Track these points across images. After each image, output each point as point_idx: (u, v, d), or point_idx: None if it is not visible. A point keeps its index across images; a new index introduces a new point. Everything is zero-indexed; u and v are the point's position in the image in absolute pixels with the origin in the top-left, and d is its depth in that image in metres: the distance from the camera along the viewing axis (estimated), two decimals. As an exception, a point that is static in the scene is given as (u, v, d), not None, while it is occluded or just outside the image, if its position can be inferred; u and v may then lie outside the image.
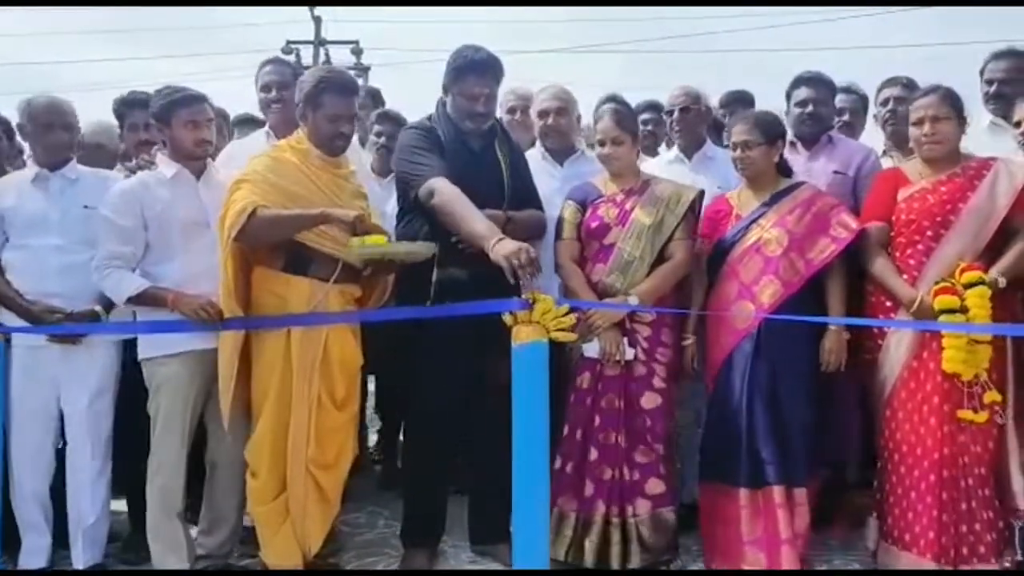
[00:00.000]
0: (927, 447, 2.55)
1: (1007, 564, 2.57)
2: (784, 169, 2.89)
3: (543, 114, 3.20)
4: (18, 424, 2.69)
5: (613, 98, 3.16)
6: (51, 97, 2.80)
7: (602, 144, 2.85)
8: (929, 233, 2.62)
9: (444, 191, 2.57)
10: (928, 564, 2.52)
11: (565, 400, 2.80)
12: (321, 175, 2.58)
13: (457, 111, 2.77)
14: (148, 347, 2.59)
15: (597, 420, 2.73)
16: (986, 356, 2.48)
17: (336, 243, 2.49)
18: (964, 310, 2.44)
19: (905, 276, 2.64)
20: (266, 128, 3.09)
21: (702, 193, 2.89)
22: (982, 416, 2.48)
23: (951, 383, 2.51)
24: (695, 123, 3.28)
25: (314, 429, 2.52)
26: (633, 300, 2.70)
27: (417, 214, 2.73)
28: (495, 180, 2.77)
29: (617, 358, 2.70)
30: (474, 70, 2.73)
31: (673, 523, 2.75)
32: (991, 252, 2.58)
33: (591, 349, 2.72)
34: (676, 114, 3.27)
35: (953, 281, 2.49)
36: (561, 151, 3.22)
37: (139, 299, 2.52)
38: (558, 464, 2.78)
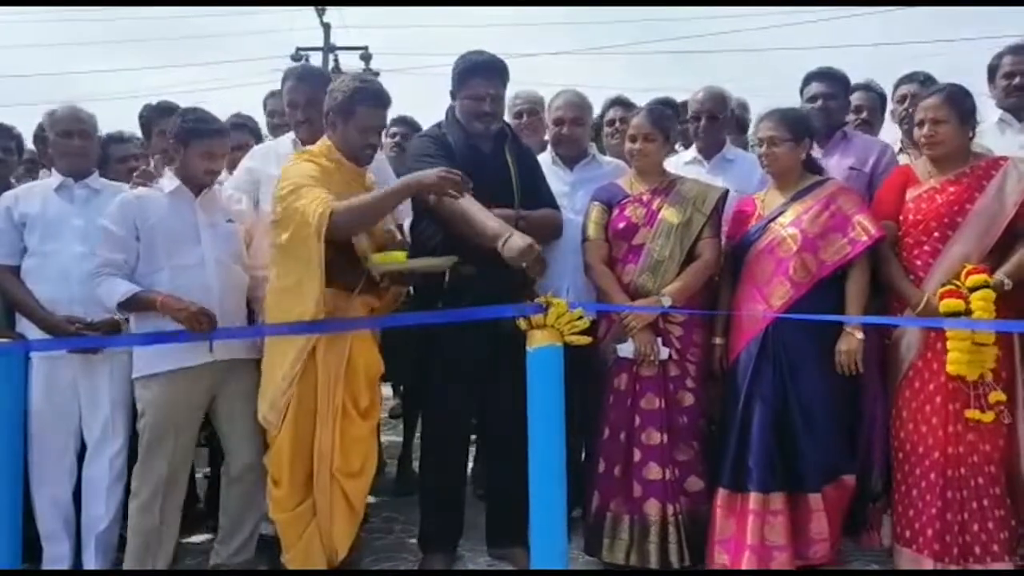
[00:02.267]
0: (928, 446, 2.60)
1: (1021, 562, 2.61)
2: (813, 166, 2.89)
3: (558, 122, 3.21)
4: (39, 432, 2.73)
5: (622, 101, 3.20)
6: (72, 106, 2.89)
7: (633, 140, 2.87)
8: (936, 234, 2.65)
9: (455, 203, 2.60)
10: (927, 562, 2.58)
11: (601, 402, 2.85)
12: (353, 184, 2.62)
13: (465, 114, 2.84)
14: (139, 366, 2.63)
15: (638, 420, 2.78)
16: (991, 357, 2.52)
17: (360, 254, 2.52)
18: (968, 313, 2.47)
19: (912, 276, 2.68)
20: (292, 136, 3.04)
21: (727, 192, 2.92)
22: (989, 416, 2.52)
23: (956, 383, 2.56)
24: (720, 129, 3.25)
25: (339, 438, 2.55)
26: (666, 301, 2.74)
27: (431, 221, 2.78)
28: (505, 182, 2.81)
29: (652, 358, 2.73)
30: (478, 72, 2.81)
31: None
32: (999, 252, 2.61)
33: (625, 350, 2.77)
34: (704, 121, 3.21)
35: (958, 284, 2.52)
36: (572, 156, 3.23)
37: (129, 304, 2.56)
38: (603, 467, 2.84)
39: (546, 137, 3.73)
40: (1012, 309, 2.59)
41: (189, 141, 2.63)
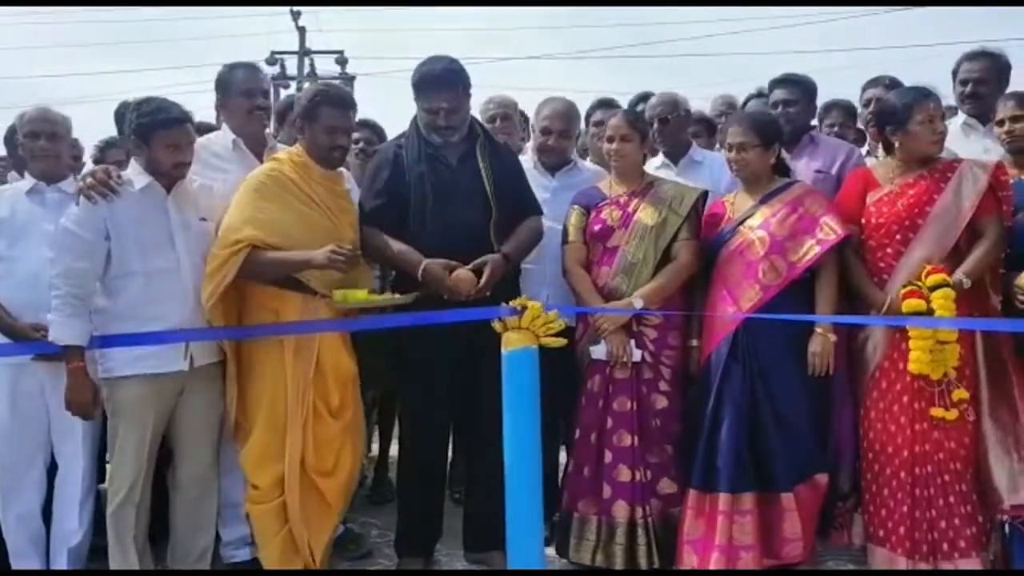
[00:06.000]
0: (897, 445, 2.67)
1: (991, 558, 2.68)
2: (782, 169, 2.95)
3: (545, 131, 3.20)
4: (4, 444, 2.70)
5: (608, 103, 3.17)
6: (43, 107, 2.86)
7: (610, 140, 2.90)
8: (898, 236, 2.72)
9: (373, 240, 2.78)
10: (900, 560, 2.64)
11: (575, 403, 2.89)
12: (319, 190, 2.69)
13: (423, 125, 2.85)
14: (109, 365, 2.56)
15: (610, 422, 2.83)
16: (954, 355, 2.59)
17: (320, 281, 2.63)
18: (930, 312, 2.54)
19: (876, 279, 2.75)
20: (232, 136, 2.99)
21: (706, 193, 2.97)
22: (953, 414, 2.59)
23: (921, 382, 2.62)
24: (676, 131, 3.33)
25: (311, 438, 2.61)
26: (638, 303, 2.78)
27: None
28: (476, 190, 2.80)
29: (624, 360, 2.76)
30: (431, 84, 2.79)
31: None
32: (959, 252, 2.68)
33: (598, 352, 2.82)
34: (656, 124, 3.31)
35: (920, 284, 2.59)
36: (555, 164, 3.25)
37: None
38: (572, 468, 2.89)
39: (524, 141, 3.73)
40: (974, 308, 2.68)
41: (150, 135, 2.53)
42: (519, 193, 2.92)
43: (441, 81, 2.76)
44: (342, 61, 17.68)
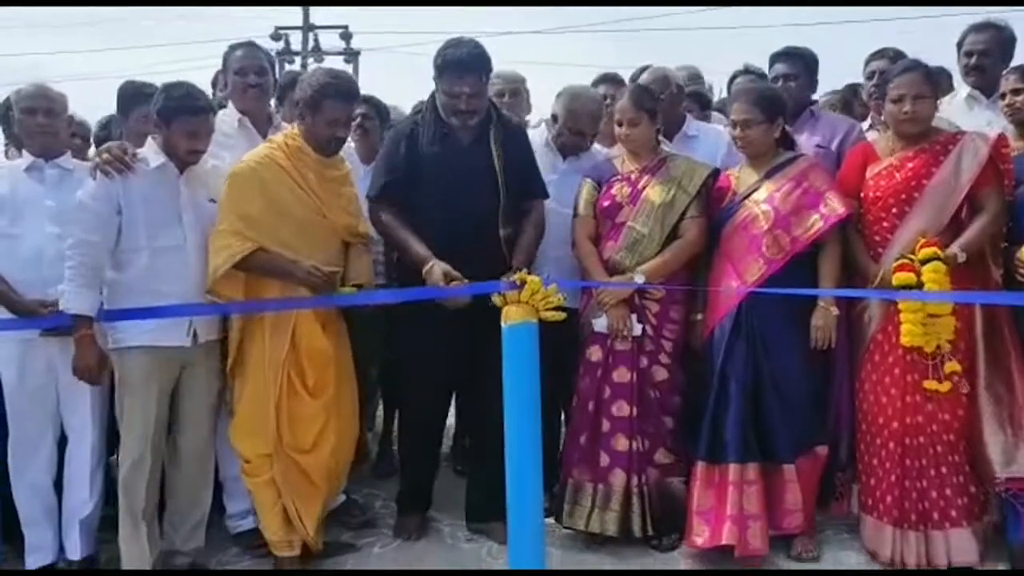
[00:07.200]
0: (888, 416, 2.70)
1: (984, 528, 2.71)
2: (786, 141, 2.95)
3: (569, 126, 3.08)
4: (14, 417, 2.73)
5: (611, 78, 3.19)
6: (39, 84, 2.86)
7: (619, 124, 2.92)
8: (895, 210, 2.74)
9: (384, 224, 2.85)
10: (887, 528, 2.69)
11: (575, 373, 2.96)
12: (310, 175, 2.72)
13: (442, 108, 2.87)
14: (118, 336, 2.62)
15: (608, 392, 2.88)
16: (948, 328, 2.60)
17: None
18: (920, 286, 2.55)
19: (873, 252, 2.77)
20: (237, 115, 3.10)
21: (716, 171, 2.97)
22: (945, 386, 2.62)
23: (914, 355, 2.65)
24: (669, 107, 3.28)
25: (287, 415, 2.67)
26: (639, 278, 2.82)
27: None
28: (487, 174, 2.84)
29: (624, 333, 2.80)
30: (454, 69, 2.80)
31: (682, 493, 2.88)
32: (960, 226, 2.69)
33: (600, 324, 2.87)
34: None
35: (911, 257, 2.61)
36: (570, 150, 3.19)
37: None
38: (569, 436, 2.95)
39: (529, 117, 3.69)
40: (975, 281, 2.69)
41: (171, 119, 2.59)
42: (527, 177, 2.94)
43: (465, 66, 2.78)
44: (346, 36, 17.52)
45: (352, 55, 17.35)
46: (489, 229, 2.80)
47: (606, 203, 2.91)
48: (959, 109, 3.24)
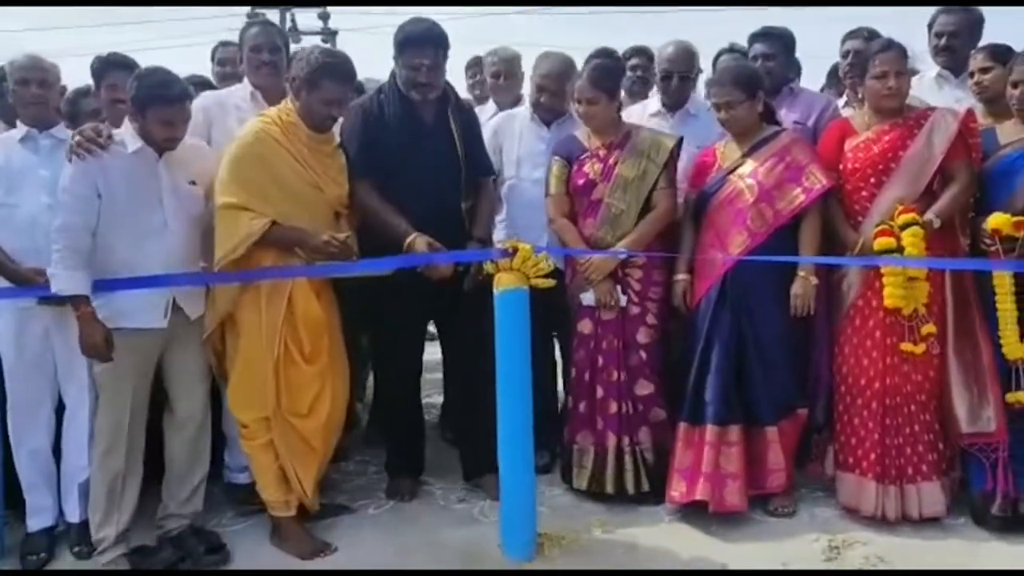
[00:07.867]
0: (870, 377, 2.84)
1: (952, 483, 2.88)
2: (769, 115, 3.04)
3: (540, 89, 3.27)
4: (12, 385, 2.77)
5: (599, 53, 3.24)
6: (33, 55, 2.87)
7: (579, 103, 3.00)
8: (873, 180, 2.87)
9: (366, 199, 2.88)
10: (870, 484, 2.83)
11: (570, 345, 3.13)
12: (304, 151, 2.76)
13: (403, 82, 2.95)
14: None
15: (600, 360, 3.01)
16: (924, 291, 2.75)
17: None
18: (900, 250, 2.69)
19: (852, 221, 2.90)
20: (250, 88, 3.18)
21: (680, 140, 3.08)
22: (920, 347, 2.77)
23: (892, 318, 2.79)
24: (689, 87, 3.38)
25: (284, 381, 2.73)
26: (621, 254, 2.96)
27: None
28: (449, 147, 2.97)
29: (612, 304, 2.95)
30: (414, 42, 2.91)
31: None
32: (932, 196, 2.83)
33: (588, 299, 3.01)
34: (676, 81, 3.32)
35: (891, 223, 2.74)
36: (551, 116, 3.34)
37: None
38: (571, 404, 3.10)
39: (523, 92, 3.76)
40: (944, 248, 2.84)
41: (146, 108, 2.56)
42: (480, 153, 3.09)
43: (424, 39, 2.89)
44: (324, 16, 17.38)
45: (330, 34, 17.20)
46: (451, 202, 2.96)
47: (580, 181, 3.01)
48: (929, 88, 3.36)
